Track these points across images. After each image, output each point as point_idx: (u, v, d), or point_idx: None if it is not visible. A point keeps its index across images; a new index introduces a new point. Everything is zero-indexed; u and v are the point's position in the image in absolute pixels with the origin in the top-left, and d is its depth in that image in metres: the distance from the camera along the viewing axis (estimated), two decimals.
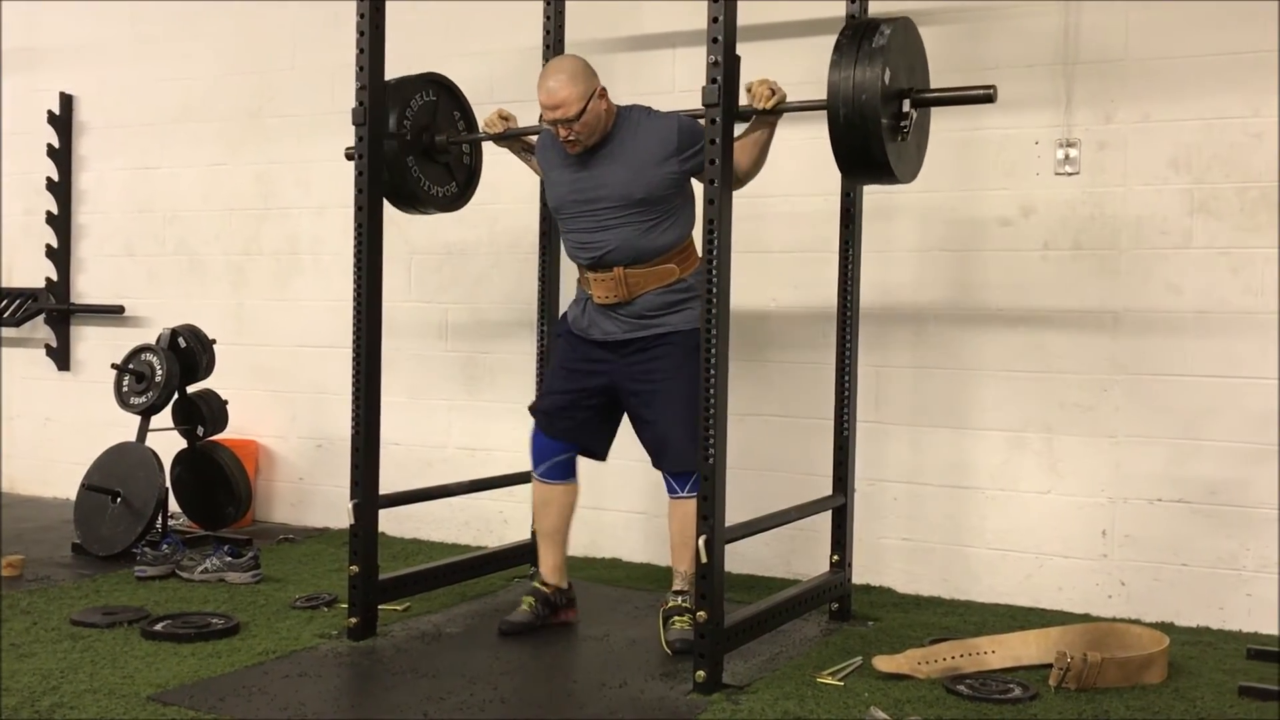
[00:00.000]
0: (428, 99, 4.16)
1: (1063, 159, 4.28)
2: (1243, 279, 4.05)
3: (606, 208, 3.69)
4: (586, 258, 3.77)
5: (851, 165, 3.31)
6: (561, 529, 4.01)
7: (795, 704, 3.17)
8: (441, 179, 4.24)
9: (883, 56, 3.20)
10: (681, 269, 3.74)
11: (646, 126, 3.69)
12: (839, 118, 3.23)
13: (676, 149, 3.64)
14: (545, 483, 3.96)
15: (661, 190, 3.65)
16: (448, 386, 5.38)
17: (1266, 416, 3.97)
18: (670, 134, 3.64)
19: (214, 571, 4.46)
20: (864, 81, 3.20)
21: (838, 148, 3.27)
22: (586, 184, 3.72)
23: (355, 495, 3.79)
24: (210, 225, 5.98)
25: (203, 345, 5.18)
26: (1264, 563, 4.03)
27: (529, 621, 3.90)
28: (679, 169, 3.66)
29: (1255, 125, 4.03)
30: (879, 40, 3.22)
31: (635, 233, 3.68)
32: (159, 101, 6.14)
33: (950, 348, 4.45)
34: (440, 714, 3.09)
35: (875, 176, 3.42)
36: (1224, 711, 3.19)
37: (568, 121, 3.60)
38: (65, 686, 3.20)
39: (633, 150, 3.67)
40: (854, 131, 3.22)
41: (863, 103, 3.20)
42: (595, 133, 3.66)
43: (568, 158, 3.77)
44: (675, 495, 3.71)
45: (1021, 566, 4.36)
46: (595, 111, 3.63)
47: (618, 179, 3.66)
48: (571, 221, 3.80)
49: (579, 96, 3.59)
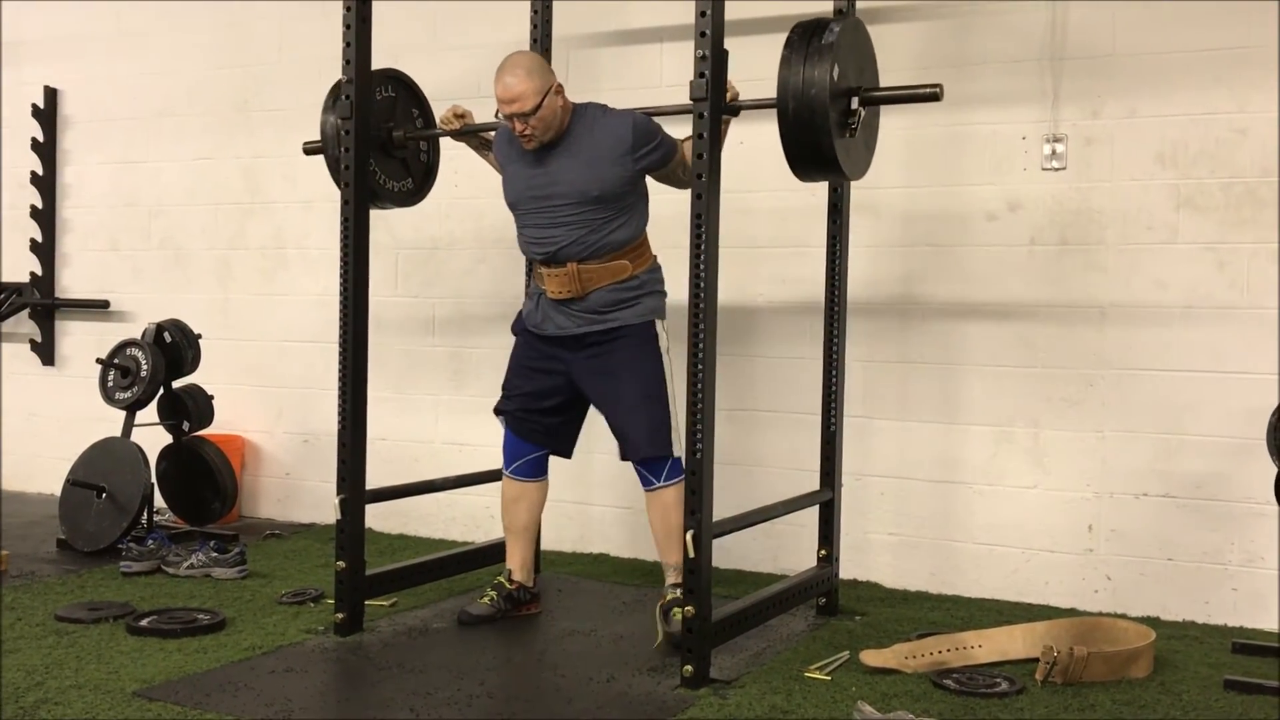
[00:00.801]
0: (386, 94, 4.16)
1: (1049, 154, 4.28)
2: (1228, 274, 4.06)
3: (562, 204, 3.71)
4: (540, 253, 3.80)
5: (800, 161, 3.32)
6: (530, 526, 4.05)
7: (783, 698, 3.18)
8: (398, 174, 4.23)
9: (831, 54, 3.21)
10: (634, 265, 3.77)
11: (602, 124, 3.71)
12: (788, 113, 3.24)
13: (631, 147, 3.66)
14: (516, 480, 4.00)
15: (616, 188, 3.68)
16: (434, 382, 5.37)
17: (1252, 411, 3.98)
18: (625, 132, 3.67)
19: (200, 567, 4.45)
20: (813, 78, 3.20)
21: (787, 143, 3.28)
22: (542, 180, 3.74)
23: (342, 490, 3.77)
24: (196, 219, 5.96)
25: (188, 340, 5.16)
26: (1249, 557, 4.05)
27: (488, 614, 3.94)
28: (634, 167, 3.68)
29: (1241, 121, 4.04)
30: (828, 38, 3.23)
31: (588, 229, 3.71)
32: (144, 95, 6.11)
33: (937, 342, 4.46)
34: (427, 709, 3.08)
35: (824, 173, 3.43)
36: (1209, 705, 3.20)
37: (524, 115, 3.62)
38: (50, 682, 3.18)
39: (588, 147, 3.69)
40: (802, 127, 3.23)
41: (811, 98, 3.20)
42: (551, 128, 3.68)
43: (524, 154, 3.79)
44: (651, 487, 3.73)
45: (1008, 561, 4.37)
46: (551, 107, 3.65)
47: (573, 176, 3.69)
48: (527, 217, 3.83)
49: (535, 91, 3.62)
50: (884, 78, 4.44)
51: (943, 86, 3.36)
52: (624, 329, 3.75)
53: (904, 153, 4.46)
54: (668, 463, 3.70)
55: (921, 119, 4.46)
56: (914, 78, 4.46)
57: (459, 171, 5.28)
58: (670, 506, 3.66)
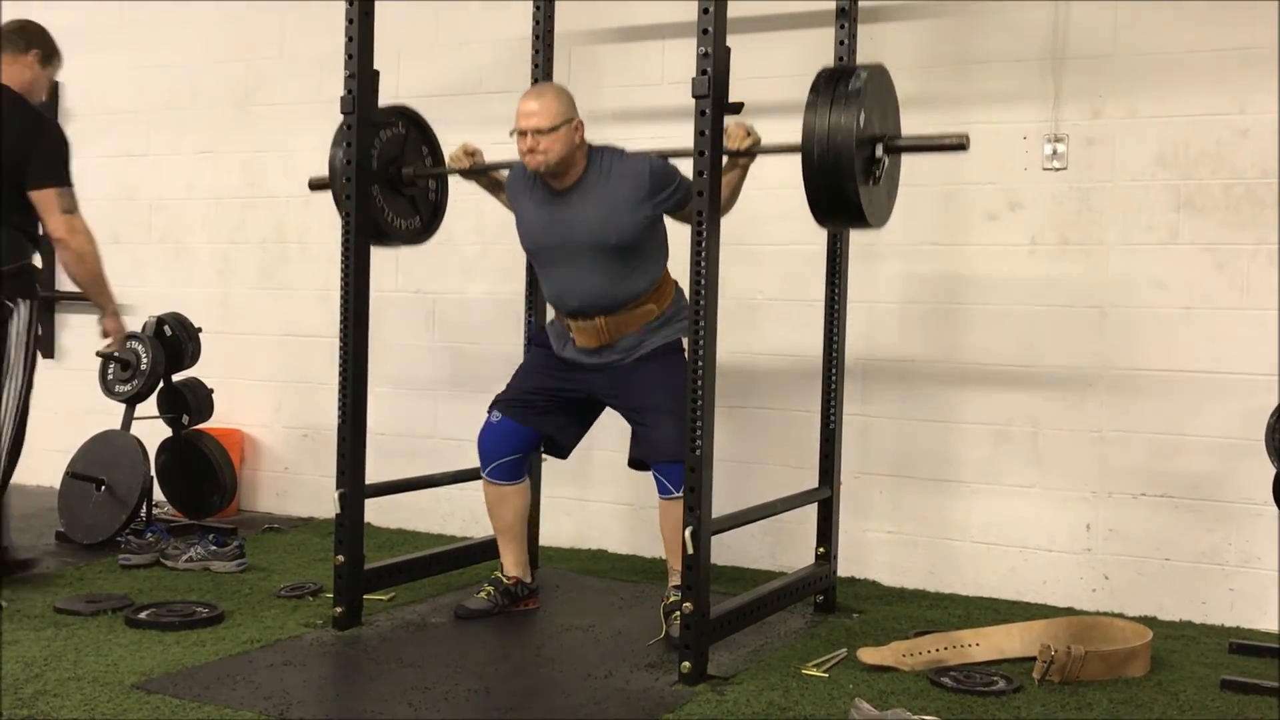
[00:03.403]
0: (396, 131, 4.13)
1: (1050, 154, 4.29)
2: (1228, 275, 4.07)
3: (580, 253, 3.71)
4: (565, 308, 3.82)
5: (824, 208, 3.31)
6: (517, 525, 4.04)
7: (780, 695, 3.18)
8: (406, 212, 4.21)
9: (858, 101, 3.21)
10: (660, 305, 3.81)
11: (618, 170, 3.69)
12: (813, 159, 3.23)
13: (649, 192, 3.66)
14: (495, 483, 3.97)
15: (635, 234, 3.68)
16: (434, 377, 5.37)
17: (1250, 412, 3.99)
18: (643, 178, 3.66)
19: (199, 560, 4.45)
20: (839, 125, 3.20)
21: (811, 189, 3.27)
22: (559, 228, 3.73)
23: (341, 485, 3.78)
24: (196, 213, 5.96)
25: (188, 333, 5.16)
26: (1247, 558, 4.05)
27: (486, 609, 3.94)
28: (652, 213, 3.68)
29: (1241, 122, 4.05)
30: (854, 85, 3.23)
31: (611, 281, 3.72)
32: (145, 89, 6.10)
33: (936, 342, 4.46)
34: (425, 703, 3.09)
35: (847, 220, 3.44)
36: (1206, 705, 3.21)
37: (538, 131, 3.61)
38: (49, 674, 3.19)
39: (604, 195, 3.68)
40: (827, 174, 3.22)
41: (837, 145, 3.19)
42: (561, 159, 3.66)
43: (539, 199, 3.78)
44: (669, 495, 3.68)
45: (1006, 560, 4.38)
46: (567, 136, 3.64)
47: (590, 224, 3.68)
48: (547, 267, 3.84)
49: (557, 114, 3.62)
50: None
51: (969, 136, 3.36)
52: (654, 350, 3.80)
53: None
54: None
55: (923, 118, 4.44)
56: (915, 78, 4.47)
57: None
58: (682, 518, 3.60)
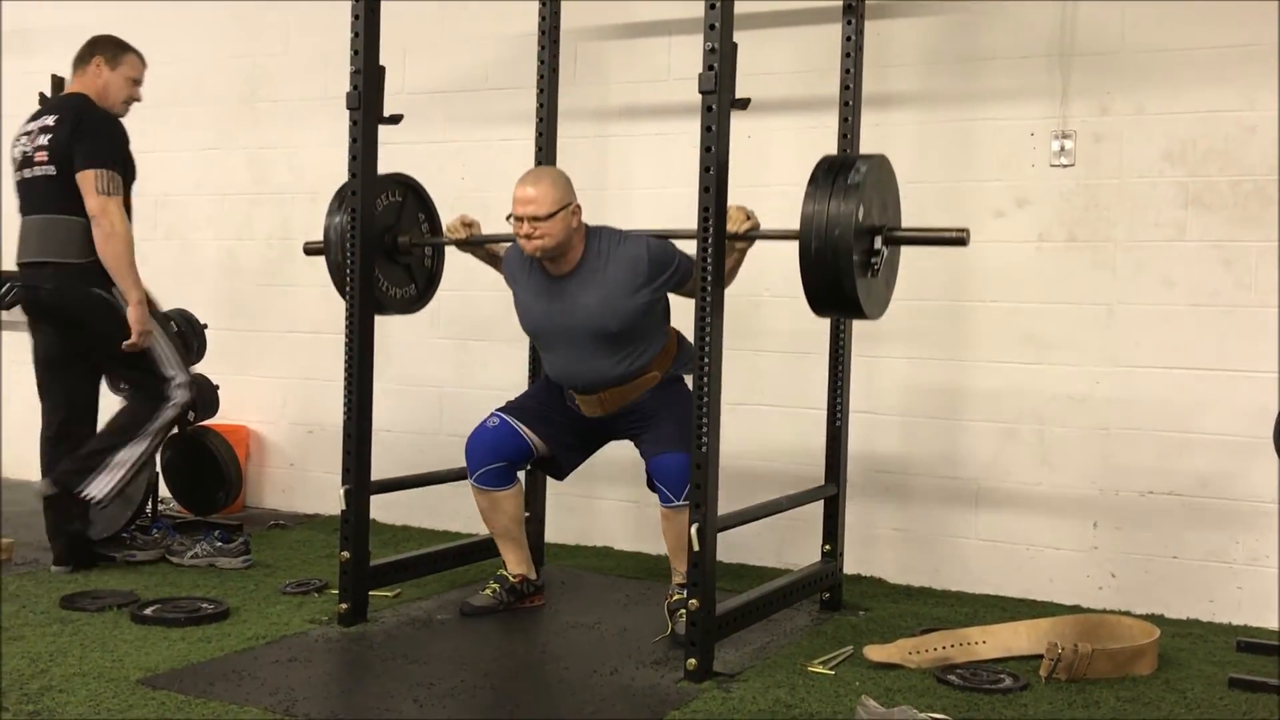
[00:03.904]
0: (393, 199, 4.12)
1: (1058, 150, 4.27)
2: (1235, 272, 4.06)
3: (581, 339, 3.73)
4: (568, 385, 3.86)
5: (821, 300, 3.30)
6: (514, 528, 4.03)
7: (786, 692, 3.17)
8: (401, 281, 4.20)
9: (857, 194, 3.20)
10: (663, 367, 3.84)
11: (616, 255, 3.69)
12: (810, 251, 3.22)
13: (647, 278, 3.67)
14: (485, 489, 3.94)
15: (634, 319, 3.70)
16: (439, 373, 5.37)
17: (1258, 409, 3.98)
18: (640, 264, 3.66)
19: (204, 557, 4.45)
20: (837, 218, 3.19)
21: (808, 281, 3.26)
22: (558, 316, 3.75)
23: (347, 481, 3.77)
24: (202, 210, 5.96)
25: (194, 330, 5.15)
26: (1254, 556, 4.04)
27: (491, 606, 3.94)
28: (651, 297, 3.70)
29: (1250, 119, 4.04)
30: (854, 178, 3.22)
31: (613, 363, 3.75)
32: (151, 85, 6.05)
33: (943, 338, 4.45)
34: (430, 700, 3.08)
35: (844, 311, 3.44)
36: (1214, 703, 3.20)
37: (535, 219, 3.60)
38: (54, 670, 3.19)
39: (602, 281, 3.68)
40: (825, 268, 3.21)
41: (835, 239, 3.18)
42: (559, 245, 3.65)
43: (537, 284, 3.79)
44: (670, 504, 3.66)
45: (1012, 558, 4.37)
46: (565, 223, 3.64)
47: (589, 311, 3.69)
48: (548, 349, 3.87)
49: (554, 200, 3.61)
50: (891, 75, 4.46)
51: (969, 231, 3.34)
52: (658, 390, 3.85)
53: (912, 148, 4.46)
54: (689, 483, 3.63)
55: (929, 115, 4.46)
56: (922, 74, 4.47)
57: (466, 165, 5.29)
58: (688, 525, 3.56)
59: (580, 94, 4.94)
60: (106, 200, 4.15)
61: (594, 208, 4.92)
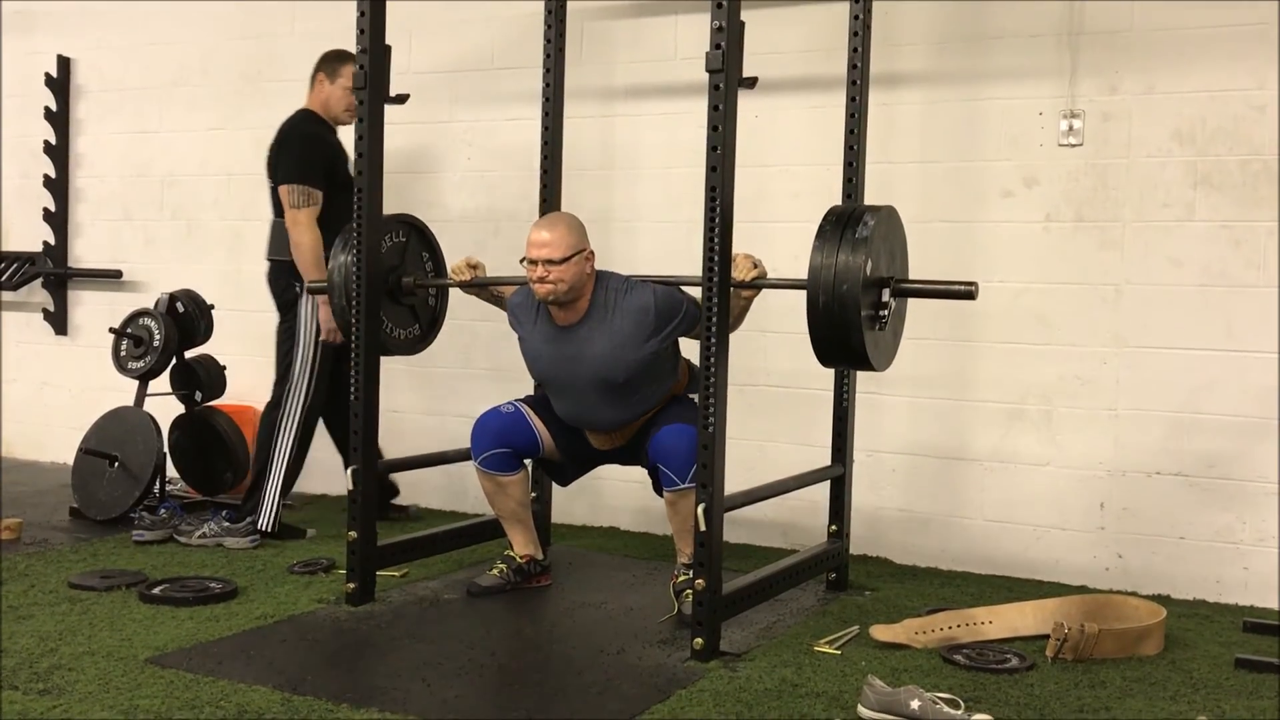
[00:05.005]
0: (397, 240, 4.11)
1: (1066, 130, 4.26)
2: (1244, 252, 4.04)
3: (589, 388, 3.73)
4: (578, 426, 3.89)
5: (828, 353, 3.31)
6: (520, 511, 4.02)
7: (792, 671, 3.18)
8: (405, 321, 4.20)
9: (865, 248, 3.19)
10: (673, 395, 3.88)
11: (622, 307, 3.68)
12: (818, 306, 3.22)
13: (654, 329, 3.66)
14: (490, 474, 3.92)
15: (642, 368, 3.69)
16: (446, 355, 5.36)
17: (1266, 390, 3.97)
18: (648, 315, 3.65)
19: (212, 536, 4.46)
20: (845, 273, 3.19)
21: (815, 334, 3.26)
22: (565, 365, 3.75)
23: (354, 461, 3.78)
24: (208, 190, 5.95)
25: (201, 310, 5.15)
26: (1261, 536, 4.04)
27: (498, 586, 3.95)
28: (658, 347, 3.69)
29: (1259, 98, 4.01)
30: (862, 232, 3.21)
31: (622, 409, 3.78)
32: (157, 65, 6.09)
33: (950, 319, 4.44)
34: (437, 679, 3.09)
35: (851, 364, 3.46)
36: (1220, 683, 3.20)
37: (550, 262, 3.59)
38: (63, 649, 3.20)
39: (609, 332, 3.67)
40: (833, 323, 3.22)
41: (843, 294, 3.19)
42: (571, 290, 3.64)
43: (544, 333, 3.78)
44: (673, 488, 3.64)
45: (1019, 538, 4.37)
46: (578, 268, 3.63)
47: (596, 363, 3.68)
48: (556, 395, 3.88)
49: (569, 246, 3.61)
50: (899, 54, 4.44)
51: (977, 285, 3.35)
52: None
53: (919, 128, 4.45)
54: (694, 467, 3.54)
55: (937, 94, 4.44)
56: (930, 53, 4.45)
57: (472, 145, 5.28)
58: (693, 508, 3.45)
59: (587, 73, 4.92)
60: (295, 213, 4.50)
61: (600, 188, 4.93)
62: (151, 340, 5.05)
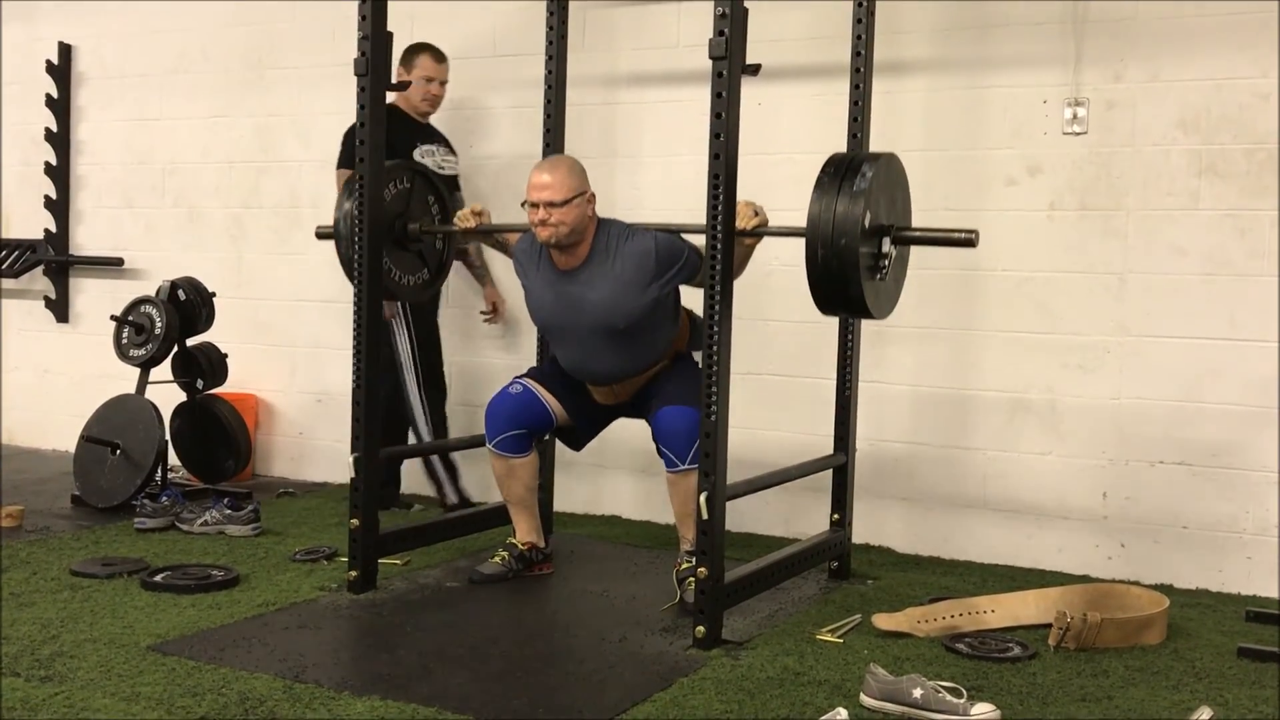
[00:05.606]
0: (402, 185, 4.09)
1: (1070, 118, 4.24)
2: (1249, 241, 4.03)
3: (590, 334, 3.73)
4: (579, 375, 3.88)
5: (826, 299, 3.30)
6: (528, 497, 4.03)
7: (794, 660, 3.18)
8: (413, 267, 4.17)
9: (864, 198, 3.16)
10: (675, 349, 3.89)
11: (624, 251, 3.67)
12: (817, 259, 3.20)
13: (655, 274, 3.65)
14: (503, 456, 3.92)
15: (643, 314, 3.69)
16: (447, 342, 5.35)
17: (1269, 380, 3.96)
18: (648, 259, 3.64)
19: (214, 524, 4.46)
20: (844, 225, 3.16)
21: (814, 285, 3.25)
22: (567, 311, 3.74)
23: (356, 449, 3.78)
24: (210, 178, 5.94)
25: (202, 298, 5.15)
26: (1264, 526, 4.03)
27: (500, 574, 3.95)
28: (659, 293, 3.68)
29: (1264, 86, 4.00)
30: (860, 184, 3.18)
31: (624, 357, 3.77)
32: (158, 52, 6.08)
33: (953, 307, 4.43)
34: (439, 667, 3.09)
35: (850, 312, 3.45)
36: (1223, 672, 3.20)
37: (551, 204, 3.59)
38: (65, 636, 3.20)
39: (610, 277, 3.67)
40: (831, 275, 3.20)
41: (841, 248, 3.16)
42: (572, 232, 3.64)
43: (546, 278, 3.78)
44: (676, 469, 3.65)
45: (1022, 527, 4.37)
46: (580, 209, 3.63)
47: (597, 308, 3.68)
48: (559, 342, 3.88)
49: (570, 188, 3.60)
50: (903, 42, 4.42)
51: (977, 233, 3.33)
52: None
53: (923, 116, 4.43)
54: (695, 446, 3.55)
55: (941, 82, 4.42)
56: (934, 41, 4.44)
57: (474, 133, 5.27)
58: (693, 489, 3.48)
59: (589, 60, 4.91)
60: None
61: (603, 175, 4.91)
62: (153, 328, 5.05)
